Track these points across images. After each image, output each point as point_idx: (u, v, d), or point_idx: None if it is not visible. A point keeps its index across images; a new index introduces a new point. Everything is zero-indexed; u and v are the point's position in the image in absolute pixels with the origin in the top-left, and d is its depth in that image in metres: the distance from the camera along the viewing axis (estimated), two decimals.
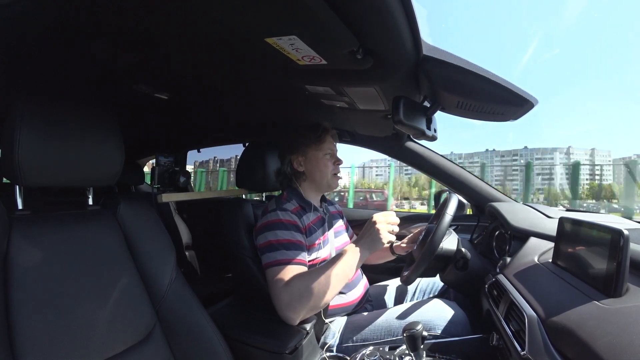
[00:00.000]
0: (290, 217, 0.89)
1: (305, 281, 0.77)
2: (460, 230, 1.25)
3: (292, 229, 0.88)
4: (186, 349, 0.69)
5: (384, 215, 0.84)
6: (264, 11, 0.49)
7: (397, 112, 0.68)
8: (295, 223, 0.89)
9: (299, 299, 0.76)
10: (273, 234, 0.86)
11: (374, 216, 0.84)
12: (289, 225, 0.88)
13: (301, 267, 0.83)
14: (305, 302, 0.75)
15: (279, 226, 0.87)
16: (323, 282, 0.76)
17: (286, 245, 0.84)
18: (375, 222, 0.82)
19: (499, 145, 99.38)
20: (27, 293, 0.53)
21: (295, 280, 0.78)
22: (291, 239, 0.86)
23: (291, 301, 0.76)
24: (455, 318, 0.85)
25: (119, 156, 0.69)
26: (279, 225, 0.87)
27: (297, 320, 0.78)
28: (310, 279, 0.77)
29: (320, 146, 1.00)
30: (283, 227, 0.87)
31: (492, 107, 0.71)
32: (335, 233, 1.05)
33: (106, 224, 0.68)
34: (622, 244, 0.50)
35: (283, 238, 0.85)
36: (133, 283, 0.67)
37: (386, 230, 0.82)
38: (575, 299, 0.54)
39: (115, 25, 0.58)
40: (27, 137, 0.56)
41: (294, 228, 0.88)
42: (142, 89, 0.94)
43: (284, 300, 0.77)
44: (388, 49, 0.60)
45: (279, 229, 0.87)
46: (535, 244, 0.83)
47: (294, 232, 0.87)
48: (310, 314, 0.80)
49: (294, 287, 0.77)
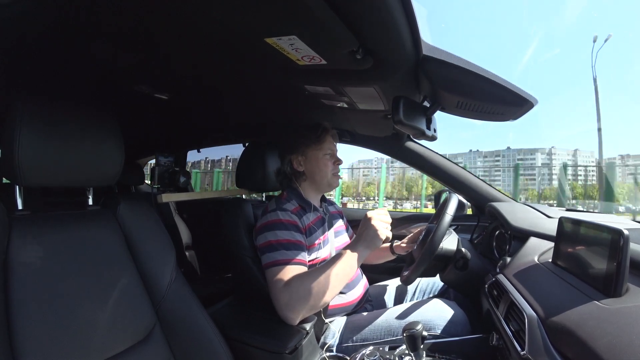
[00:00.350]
0: (290, 217, 0.89)
1: (305, 281, 0.77)
2: (460, 230, 1.25)
3: (292, 229, 0.88)
4: (186, 349, 0.69)
5: (377, 212, 0.85)
6: (264, 11, 0.49)
7: (397, 112, 0.68)
8: (295, 223, 0.89)
9: (298, 299, 0.76)
10: (273, 234, 0.86)
11: (367, 214, 0.84)
12: (288, 225, 0.88)
13: (301, 267, 0.83)
14: (305, 302, 0.75)
15: (279, 226, 0.87)
16: (323, 282, 0.76)
17: (286, 245, 0.84)
18: (371, 219, 0.82)
19: (497, 145, 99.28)
20: (27, 293, 0.53)
21: (295, 280, 0.78)
22: (291, 239, 0.86)
23: (291, 301, 0.76)
24: (455, 318, 0.85)
25: (119, 156, 0.69)
26: (279, 225, 0.87)
27: (297, 320, 0.78)
28: (310, 279, 0.77)
29: (320, 146, 1.00)
30: (283, 227, 0.87)
31: (492, 107, 0.71)
32: (335, 233, 1.05)
33: (106, 224, 0.68)
34: (622, 244, 0.50)
35: (283, 238, 0.85)
36: (133, 283, 0.67)
37: (383, 226, 0.82)
38: (575, 299, 0.54)
39: (115, 25, 0.58)
40: (27, 137, 0.56)
41: (293, 228, 0.88)
42: (142, 89, 0.94)
43: (284, 300, 0.77)
44: (388, 49, 0.60)
45: (279, 229, 0.87)
46: (535, 244, 0.83)
47: (294, 232, 0.87)
48: (310, 313, 0.80)
49: (293, 287, 0.77)
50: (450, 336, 0.81)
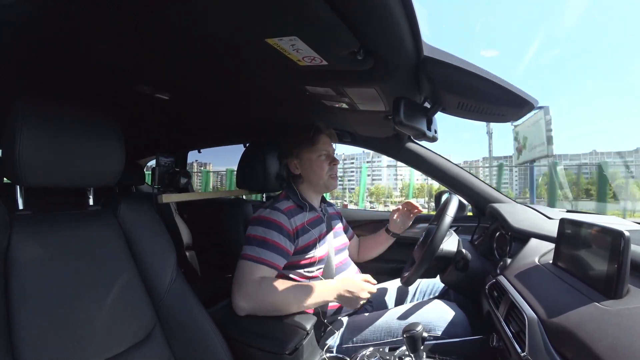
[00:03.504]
0: (278, 217, 0.90)
1: (272, 294, 0.80)
2: (460, 232, 1.25)
3: (274, 228, 0.88)
4: (186, 349, 0.69)
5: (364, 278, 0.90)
6: (265, 12, 0.49)
7: (397, 112, 0.68)
8: (279, 224, 0.89)
9: (260, 301, 0.80)
10: (254, 229, 0.88)
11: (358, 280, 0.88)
12: (272, 223, 0.88)
13: (269, 270, 0.84)
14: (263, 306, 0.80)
15: (263, 223, 0.89)
16: (286, 301, 0.80)
17: (260, 242, 0.86)
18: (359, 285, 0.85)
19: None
20: (28, 293, 0.53)
21: (263, 288, 0.80)
22: (268, 237, 0.86)
23: (253, 298, 0.80)
24: (455, 319, 0.85)
25: (119, 156, 0.69)
26: (263, 222, 0.89)
27: (244, 314, 0.81)
28: (277, 294, 0.80)
29: (314, 148, 0.99)
30: (266, 224, 0.88)
31: (493, 108, 0.71)
32: (334, 234, 1.05)
33: (107, 224, 0.69)
34: (623, 245, 0.50)
35: (260, 235, 0.87)
36: (133, 283, 0.67)
37: (365, 295, 0.85)
38: (576, 300, 0.54)
39: (116, 25, 0.58)
40: (28, 137, 0.56)
41: (276, 228, 0.88)
42: (143, 89, 0.94)
43: (245, 292, 0.80)
44: (389, 49, 0.60)
45: (261, 225, 0.88)
46: (536, 245, 0.83)
47: (275, 232, 0.88)
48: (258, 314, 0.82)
49: (259, 293, 0.80)
50: (451, 337, 0.81)
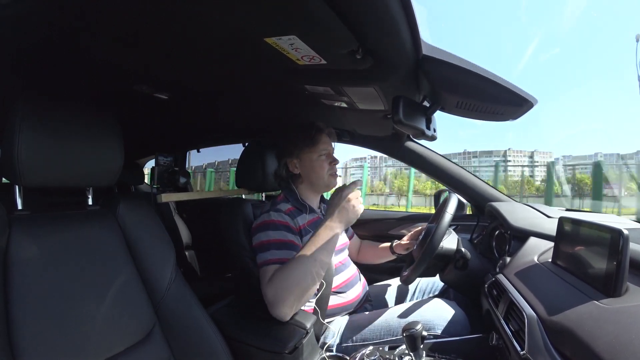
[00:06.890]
0: (282, 218, 0.90)
1: (285, 271, 0.75)
2: (460, 230, 1.25)
3: (283, 229, 0.88)
4: (186, 349, 0.69)
5: (348, 187, 0.82)
6: (264, 11, 0.49)
7: (396, 111, 0.67)
8: (286, 224, 0.89)
9: (282, 290, 0.74)
10: (265, 234, 0.87)
11: (338, 190, 0.82)
12: (279, 225, 0.88)
13: None
14: (290, 293, 0.73)
15: (270, 226, 0.88)
16: (304, 268, 0.74)
17: (276, 244, 0.85)
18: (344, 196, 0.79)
19: (495, 146, 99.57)
20: (27, 293, 0.53)
21: (276, 274, 0.77)
22: (282, 238, 0.86)
23: (276, 295, 0.74)
24: (455, 318, 0.85)
25: (118, 156, 0.69)
26: (271, 225, 0.88)
27: (288, 315, 0.76)
28: (289, 267, 0.75)
29: (314, 147, 0.98)
30: (274, 227, 0.87)
31: (492, 107, 0.71)
32: None
33: (106, 224, 0.68)
34: (622, 243, 0.50)
35: (274, 238, 0.86)
36: (132, 283, 0.67)
37: (359, 203, 0.79)
38: (575, 298, 0.54)
39: (116, 25, 0.58)
40: (27, 137, 0.56)
41: (284, 228, 0.88)
42: (142, 89, 0.94)
43: (270, 295, 0.75)
44: (388, 48, 0.60)
45: (270, 229, 0.87)
46: (535, 244, 0.83)
47: (285, 232, 0.87)
48: (300, 304, 0.76)
49: (276, 281, 0.75)
50: (450, 336, 0.81)
